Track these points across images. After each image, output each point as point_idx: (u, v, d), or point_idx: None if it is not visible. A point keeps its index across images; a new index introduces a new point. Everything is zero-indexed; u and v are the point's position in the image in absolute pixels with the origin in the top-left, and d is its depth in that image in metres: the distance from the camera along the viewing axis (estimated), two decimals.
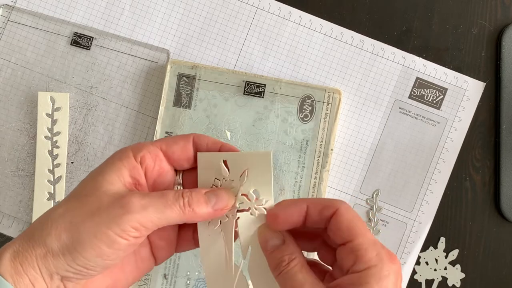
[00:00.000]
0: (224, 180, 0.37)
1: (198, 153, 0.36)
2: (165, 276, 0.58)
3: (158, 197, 0.33)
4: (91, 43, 0.59)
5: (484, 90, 0.60)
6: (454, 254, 0.60)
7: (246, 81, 0.58)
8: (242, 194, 0.36)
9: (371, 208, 0.60)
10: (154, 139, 0.58)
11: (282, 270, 0.34)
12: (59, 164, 0.58)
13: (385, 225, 0.59)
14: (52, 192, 0.58)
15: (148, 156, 0.35)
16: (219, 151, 0.36)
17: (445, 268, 0.60)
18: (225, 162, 0.37)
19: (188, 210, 0.34)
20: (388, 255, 0.32)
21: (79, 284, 0.33)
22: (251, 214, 0.36)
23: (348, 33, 0.60)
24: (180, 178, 0.38)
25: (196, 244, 0.38)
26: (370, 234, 0.33)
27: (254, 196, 0.36)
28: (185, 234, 0.39)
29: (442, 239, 0.60)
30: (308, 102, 0.59)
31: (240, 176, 0.36)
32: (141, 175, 0.35)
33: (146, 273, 0.38)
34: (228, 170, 0.37)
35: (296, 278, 0.33)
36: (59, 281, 0.32)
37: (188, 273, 0.59)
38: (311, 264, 0.37)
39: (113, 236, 0.31)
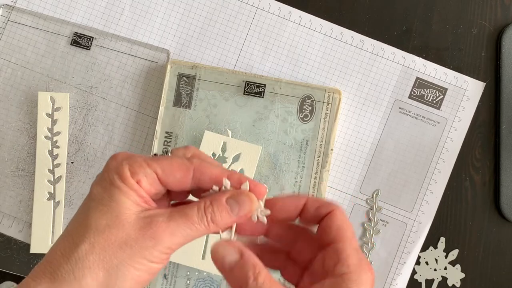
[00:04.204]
0: (219, 155, 0.37)
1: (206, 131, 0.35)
2: (165, 276, 0.58)
3: (183, 220, 0.33)
4: (91, 43, 0.59)
5: (484, 90, 0.60)
6: (454, 254, 0.60)
7: (246, 81, 0.58)
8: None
9: (371, 208, 0.60)
10: (154, 139, 0.58)
11: None
12: (59, 164, 0.58)
13: (385, 225, 0.59)
14: (52, 192, 0.58)
15: (145, 180, 0.33)
16: (228, 179, 0.35)
17: (445, 268, 0.60)
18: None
19: (212, 226, 0.33)
20: (367, 263, 0.33)
21: None
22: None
23: (348, 33, 0.60)
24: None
25: None
26: (355, 241, 0.34)
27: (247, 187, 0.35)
28: None
29: (442, 239, 0.60)
30: (308, 102, 0.59)
31: (233, 157, 0.37)
32: (144, 193, 0.34)
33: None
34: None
35: None
36: None
37: (188, 273, 0.59)
38: None
39: (149, 264, 0.32)
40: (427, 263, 0.60)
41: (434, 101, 0.60)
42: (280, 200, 0.35)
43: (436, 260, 0.60)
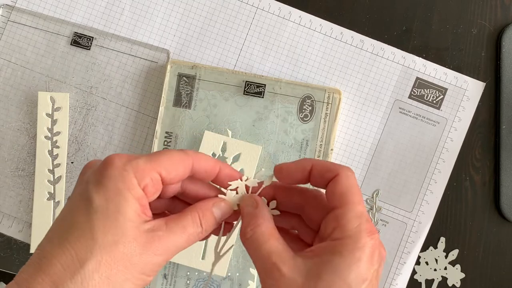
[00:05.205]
0: (220, 155, 0.40)
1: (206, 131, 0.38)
2: (165, 276, 0.58)
3: (181, 231, 0.34)
4: (91, 43, 0.59)
5: (484, 90, 0.60)
6: (454, 254, 0.60)
7: (246, 81, 0.58)
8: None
9: (371, 208, 0.60)
10: (154, 139, 0.58)
11: (248, 237, 0.34)
12: (59, 164, 0.58)
13: (385, 225, 0.59)
14: (52, 192, 0.58)
15: (151, 185, 0.34)
16: (219, 171, 0.37)
17: (445, 268, 0.60)
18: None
19: (204, 233, 0.36)
20: (368, 229, 0.32)
21: None
22: (237, 193, 0.38)
23: (348, 33, 0.60)
24: None
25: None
26: (361, 206, 0.33)
27: (245, 177, 0.38)
28: None
29: (442, 239, 0.60)
30: (308, 102, 0.59)
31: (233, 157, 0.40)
32: (146, 202, 0.34)
33: None
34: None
35: (262, 248, 0.33)
36: None
37: (188, 273, 0.59)
38: (292, 235, 0.38)
39: (146, 278, 0.33)
40: (427, 263, 0.60)
41: (434, 101, 0.60)
42: (286, 165, 0.36)
43: (436, 260, 0.60)
